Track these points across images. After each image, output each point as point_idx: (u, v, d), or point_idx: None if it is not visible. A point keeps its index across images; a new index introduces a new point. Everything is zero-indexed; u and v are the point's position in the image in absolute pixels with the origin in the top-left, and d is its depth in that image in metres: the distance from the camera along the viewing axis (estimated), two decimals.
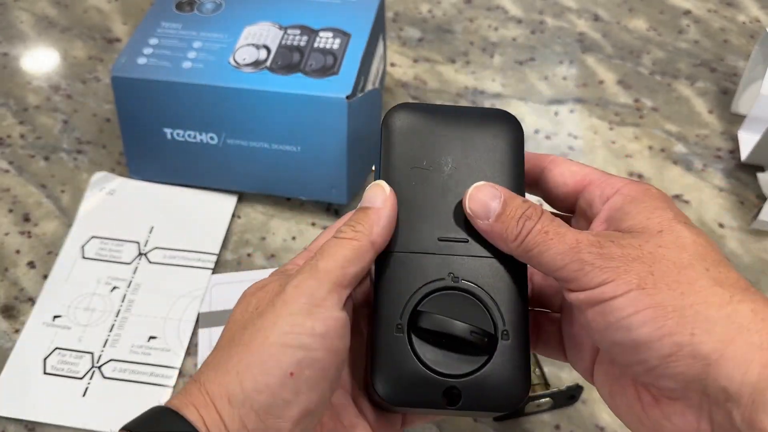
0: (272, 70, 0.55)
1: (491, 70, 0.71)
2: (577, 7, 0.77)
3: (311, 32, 0.58)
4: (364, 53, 0.57)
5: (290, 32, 0.58)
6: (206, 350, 0.52)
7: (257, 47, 0.57)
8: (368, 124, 0.56)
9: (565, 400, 0.49)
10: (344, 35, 0.58)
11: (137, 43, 0.58)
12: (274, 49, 0.57)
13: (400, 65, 0.72)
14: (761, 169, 0.62)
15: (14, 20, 0.76)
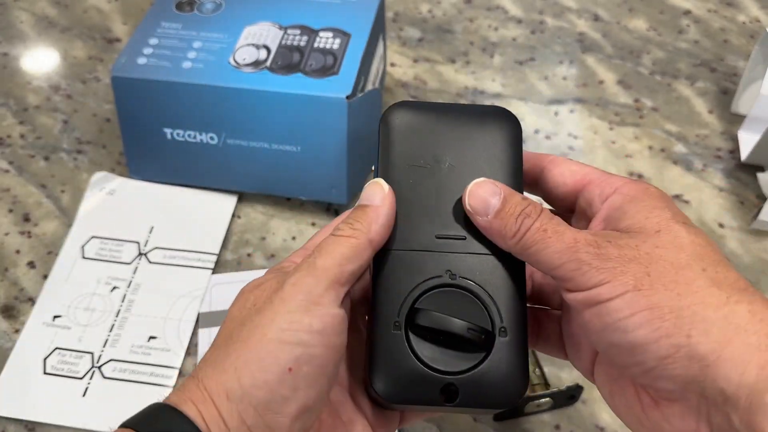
0: (272, 70, 0.55)
1: (491, 70, 0.71)
2: (577, 7, 0.77)
3: (311, 32, 0.58)
4: (364, 53, 0.57)
5: (290, 32, 0.58)
6: (206, 350, 0.52)
7: (257, 47, 0.57)
8: (368, 124, 0.56)
9: (565, 400, 0.49)
10: (344, 35, 0.58)
11: (137, 43, 0.58)
12: (274, 49, 0.57)
13: (400, 65, 0.72)
14: (761, 169, 0.62)
15: (14, 20, 0.76)
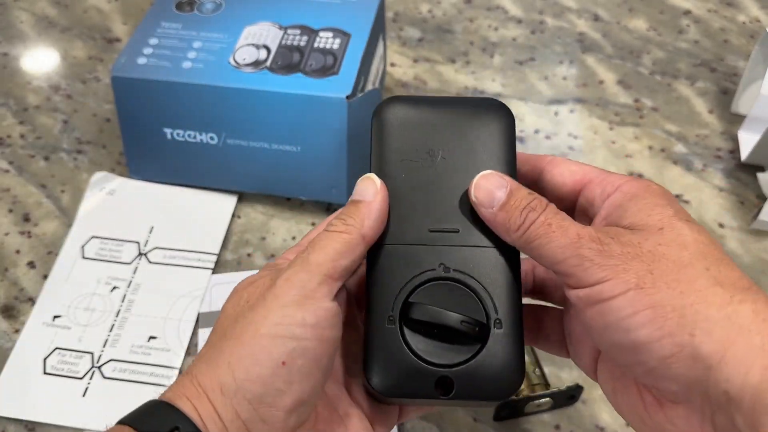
0: (272, 70, 0.55)
1: (491, 70, 0.71)
2: (577, 7, 0.77)
3: (311, 32, 0.58)
4: (364, 53, 0.57)
5: (290, 32, 0.58)
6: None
7: (257, 47, 0.57)
8: (368, 124, 0.56)
9: (565, 400, 0.49)
10: (344, 35, 0.58)
11: (137, 43, 0.58)
12: (274, 49, 0.57)
13: (400, 65, 0.72)
14: (761, 169, 0.62)
15: (14, 20, 0.76)
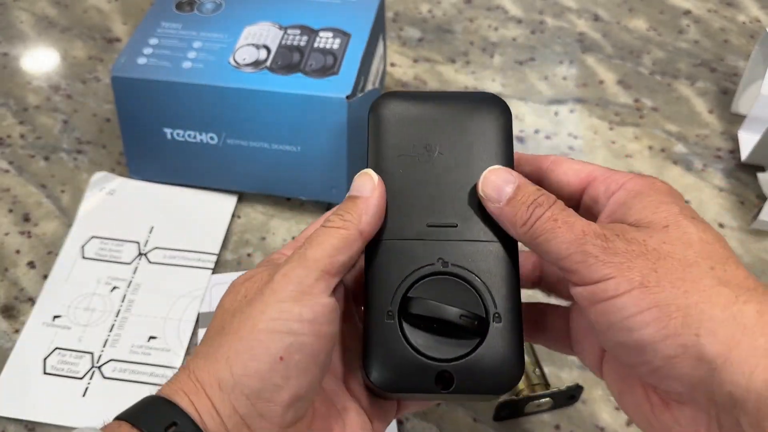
0: (272, 70, 0.55)
1: (491, 70, 0.71)
2: (577, 7, 0.77)
3: (311, 32, 0.58)
4: (364, 53, 0.57)
5: (290, 32, 0.58)
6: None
7: (257, 47, 0.57)
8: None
9: (565, 400, 0.49)
10: (344, 35, 0.58)
11: (137, 43, 0.58)
12: (274, 49, 0.57)
13: (400, 65, 0.72)
14: (761, 169, 0.62)
15: (14, 20, 0.76)
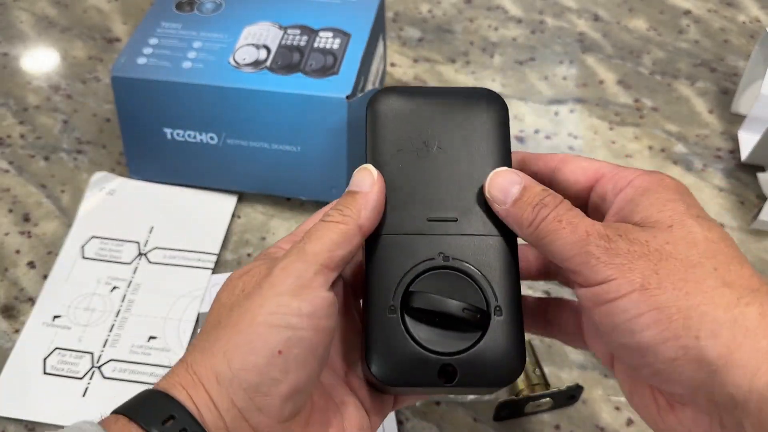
0: (272, 70, 0.55)
1: (491, 70, 0.71)
2: (577, 7, 0.77)
3: (311, 32, 0.58)
4: (364, 53, 0.57)
5: (290, 32, 0.58)
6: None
7: (257, 47, 0.57)
8: None
9: (565, 400, 0.49)
10: (344, 35, 0.58)
11: (137, 43, 0.58)
12: (274, 49, 0.57)
13: (400, 65, 0.72)
14: (761, 169, 0.62)
15: (14, 20, 0.76)
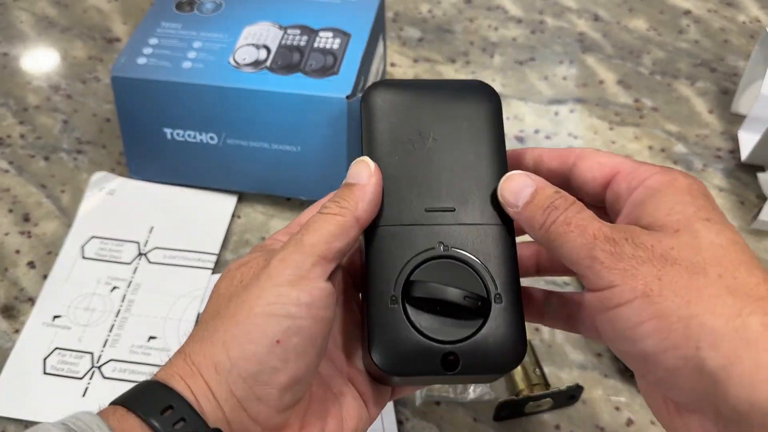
0: (272, 70, 0.55)
1: (491, 70, 0.71)
2: (577, 7, 0.77)
3: (311, 32, 0.58)
4: (364, 53, 0.57)
5: (290, 32, 0.58)
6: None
7: (257, 47, 0.57)
8: None
9: (565, 400, 0.49)
10: (344, 35, 0.58)
11: (137, 43, 0.58)
12: (274, 49, 0.57)
13: (400, 65, 0.72)
14: (761, 169, 0.62)
15: (14, 20, 0.76)
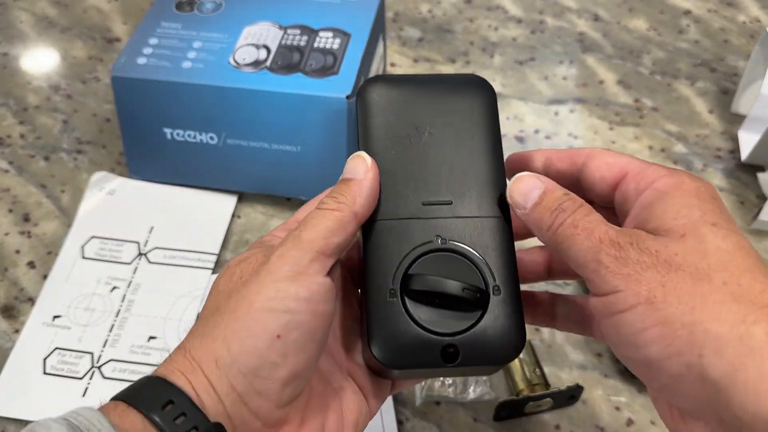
0: (272, 70, 0.55)
1: (491, 70, 0.71)
2: (577, 7, 0.77)
3: (311, 32, 0.58)
4: (364, 53, 0.57)
5: (290, 32, 0.58)
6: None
7: (257, 47, 0.57)
8: None
9: (565, 400, 0.49)
10: (344, 35, 0.58)
11: (137, 43, 0.58)
12: (274, 49, 0.57)
13: (400, 65, 0.72)
14: (761, 169, 0.62)
15: (14, 20, 0.76)
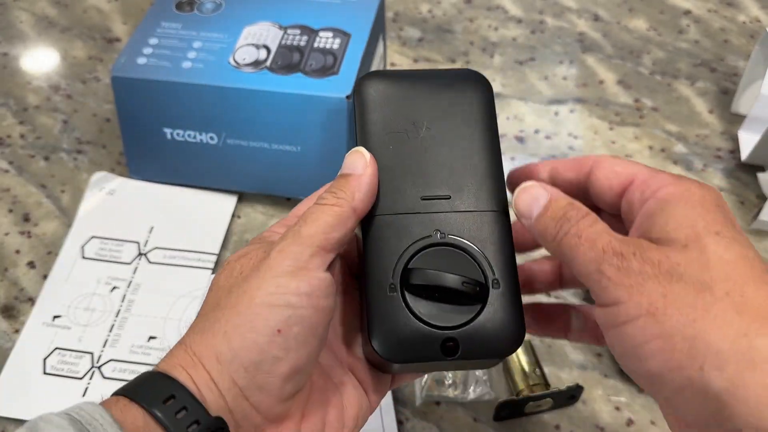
0: (272, 70, 0.55)
1: (491, 70, 0.71)
2: (577, 7, 0.77)
3: (311, 32, 0.58)
4: (364, 53, 0.57)
5: (290, 32, 0.58)
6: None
7: (257, 47, 0.57)
8: None
9: (565, 400, 0.49)
10: (344, 35, 0.58)
11: (137, 43, 0.58)
12: (274, 49, 0.57)
13: (400, 65, 0.72)
14: (761, 169, 0.62)
15: (14, 20, 0.76)
